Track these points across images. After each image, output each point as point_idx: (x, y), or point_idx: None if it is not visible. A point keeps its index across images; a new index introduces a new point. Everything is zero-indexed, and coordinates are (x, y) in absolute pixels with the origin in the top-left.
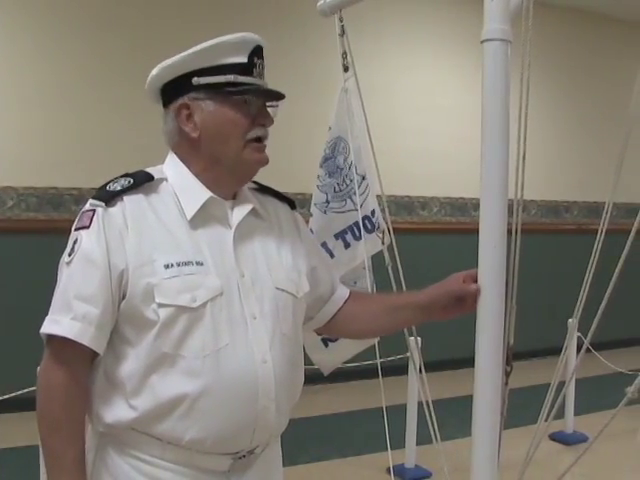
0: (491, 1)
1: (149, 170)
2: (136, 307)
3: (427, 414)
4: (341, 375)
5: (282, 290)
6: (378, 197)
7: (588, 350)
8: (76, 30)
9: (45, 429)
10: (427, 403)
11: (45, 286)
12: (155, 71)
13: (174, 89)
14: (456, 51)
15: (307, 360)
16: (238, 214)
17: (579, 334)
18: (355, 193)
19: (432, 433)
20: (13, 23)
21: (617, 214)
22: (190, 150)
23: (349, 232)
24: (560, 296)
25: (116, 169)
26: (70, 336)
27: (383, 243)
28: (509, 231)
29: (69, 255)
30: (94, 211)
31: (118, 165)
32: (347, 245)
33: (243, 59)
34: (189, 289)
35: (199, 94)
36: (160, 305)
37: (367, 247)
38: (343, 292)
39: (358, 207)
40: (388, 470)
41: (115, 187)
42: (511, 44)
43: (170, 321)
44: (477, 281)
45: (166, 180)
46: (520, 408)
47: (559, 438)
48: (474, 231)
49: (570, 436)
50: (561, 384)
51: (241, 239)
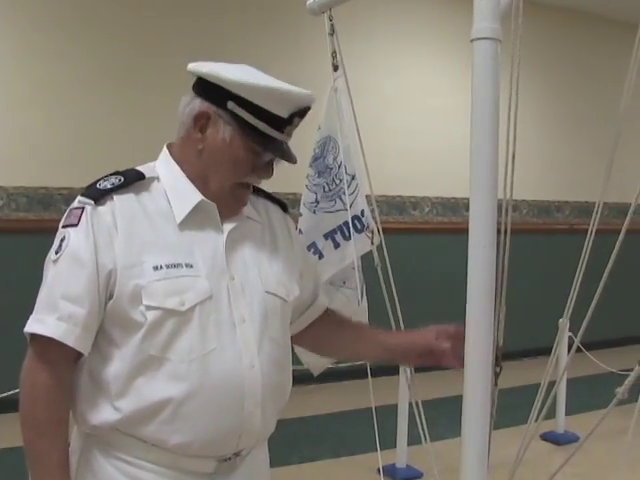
0: (481, 0)
1: (140, 168)
2: (123, 308)
3: (416, 414)
4: (333, 375)
5: (272, 294)
6: (368, 197)
7: (579, 350)
8: (70, 30)
9: (28, 431)
10: (416, 404)
11: (35, 286)
12: (205, 69)
13: (209, 90)
14: (447, 50)
15: (299, 361)
16: (230, 219)
17: (570, 334)
18: (345, 193)
19: (421, 433)
20: (6, 24)
21: (608, 214)
22: (189, 152)
23: (339, 232)
24: (551, 296)
25: (107, 169)
26: (55, 337)
27: (372, 243)
28: (499, 231)
29: (56, 253)
30: (83, 209)
31: (109, 165)
32: (337, 245)
33: (285, 114)
34: (178, 292)
35: (225, 115)
36: (148, 307)
37: (357, 247)
38: (324, 300)
39: (348, 207)
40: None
41: (105, 185)
42: (501, 43)
43: (157, 324)
44: (455, 337)
45: (157, 179)
46: (511, 408)
47: (550, 438)
48: (466, 231)
49: (561, 436)
50: (552, 384)
51: (233, 242)
